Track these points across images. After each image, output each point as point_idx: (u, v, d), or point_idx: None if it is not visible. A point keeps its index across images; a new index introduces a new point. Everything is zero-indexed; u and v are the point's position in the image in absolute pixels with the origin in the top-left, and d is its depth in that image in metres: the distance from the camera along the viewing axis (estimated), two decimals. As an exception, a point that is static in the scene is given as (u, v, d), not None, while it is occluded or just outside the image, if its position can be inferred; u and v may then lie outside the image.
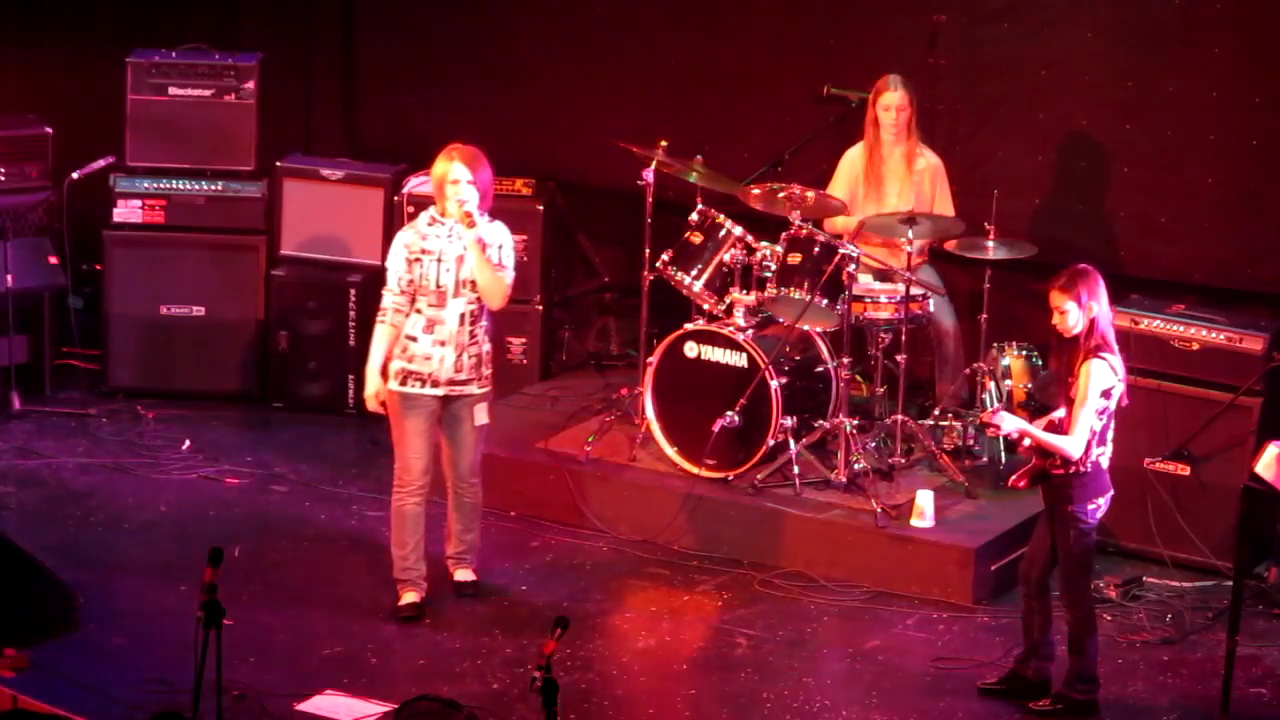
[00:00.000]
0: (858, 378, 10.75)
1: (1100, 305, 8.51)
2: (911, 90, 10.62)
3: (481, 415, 9.42)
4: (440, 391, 9.31)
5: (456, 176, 9.21)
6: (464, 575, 9.64)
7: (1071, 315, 8.50)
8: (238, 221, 11.98)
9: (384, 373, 9.33)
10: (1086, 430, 8.44)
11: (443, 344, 9.27)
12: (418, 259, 9.27)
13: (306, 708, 8.50)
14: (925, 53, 11.15)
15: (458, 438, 9.43)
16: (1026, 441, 8.58)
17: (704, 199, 10.68)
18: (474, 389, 9.36)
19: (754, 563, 10.07)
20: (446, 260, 9.25)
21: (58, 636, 8.97)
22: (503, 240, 9.32)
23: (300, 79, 12.80)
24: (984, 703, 8.84)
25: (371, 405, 9.43)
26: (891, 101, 10.59)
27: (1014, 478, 8.72)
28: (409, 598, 9.44)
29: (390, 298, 9.33)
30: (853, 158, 10.81)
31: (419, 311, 9.29)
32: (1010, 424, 8.54)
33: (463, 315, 9.27)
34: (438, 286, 9.25)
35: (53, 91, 12.73)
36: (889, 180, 10.71)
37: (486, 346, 9.38)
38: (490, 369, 9.43)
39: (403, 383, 9.30)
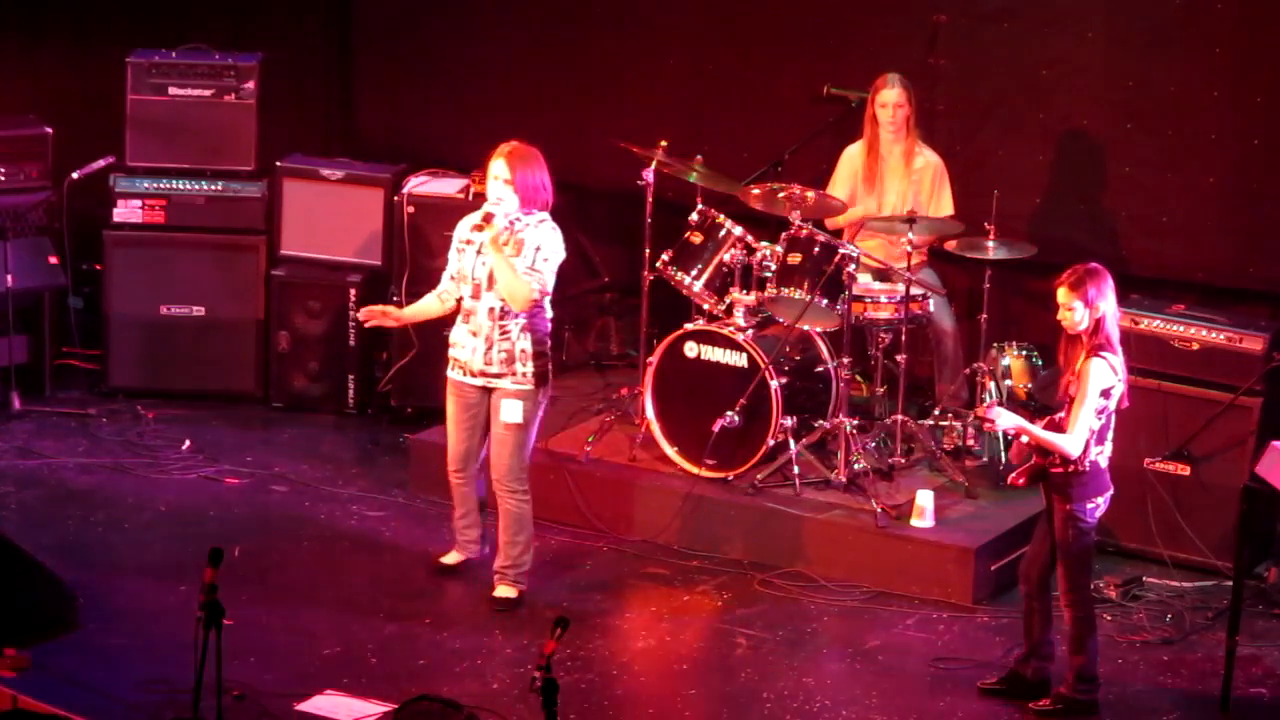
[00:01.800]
0: (858, 378, 10.75)
1: (1108, 305, 8.50)
2: (910, 89, 10.62)
3: (511, 412, 9.38)
4: (477, 382, 9.43)
5: (496, 173, 9.32)
6: (501, 590, 9.57)
7: (1077, 313, 8.49)
8: (238, 221, 11.98)
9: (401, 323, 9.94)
10: (1085, 429, 8.43)
11: (474, 335, 9.38)
12: (463, 249, 9.42)
13: (306, 708, 8.50)
14: (925, 53, 11.15)
15: (493, 434, 9.48)
16: (1024, 438, 8.58)
17: (704, 199, 10.68)
18: (506, 384, 9.37)
19: (754, 563, 10.07)
20: (485, 254, 9.31)
21: (58, 636, 8.97)
22: (542, 243, 9.29)
23: (300, 79, 12.79)
24: (984, 703, 8.84)
25: (362, 314, 9.80)
26: (889, 99, 10.60)
27: (1013, 476, 8.71)
28: (447, 557, 9.80)
29: (443, 281, 9.56)
30: (852, 154, 10.83)
31: (463, 300, 9.45)
32: (1006, 419, 8.54)
33: (492, 309, 9.32)
34: (473, 278, 9.36)
35: (53, 91, 12.72)
36: (888, 178, 10.71)
37: (524, 344, 9.34)
38: (531, 367, 9.36)
39: (450, 368, 9.51)
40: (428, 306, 9.64)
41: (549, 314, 9.45)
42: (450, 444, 9.64)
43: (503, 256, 9.21)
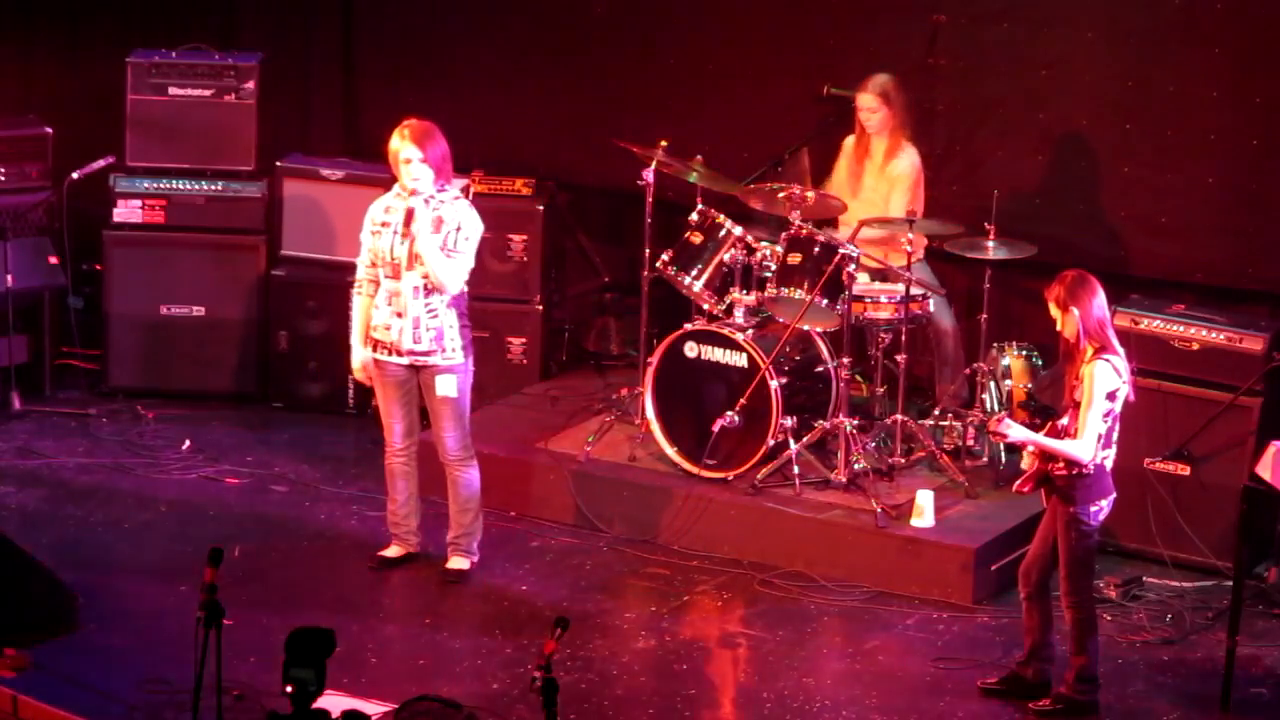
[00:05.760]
0: (858, 378, 10.75)
1: (1086, 308, 8.46)
2: (889, 93, 10.61)
3: (445, 387, 9.49)
4: (405, 360, 9.50)
5: (408, 156, 9.38)
6: (454, 563, 9.75)
7: (1060, 320, 8.52)
8: (238, 221, 11.98)
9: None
10: (1094, 433, 8.42)
11: (400, 315, 9.45)
12: (378, 231, 9.49)
13: (306, 708, 8.49)
14: (925, 53, 11.15)
15: (432, 411, 9.60)
16: (1031, 447, 8.57)
17: (704, 199, 10.69)
18: (437, 360, 9.46)
19: (754, 563, 10.07)
20: (414, 236, 9.37)
21: (58, 636, 8.98)
22: (462, 222, 9.38)
23: (300, 79, 12.79)
24: (984, 703, 8.84)
25: (359, 376, 9.74)
26: (861, 104, 10.69)
27: (1019, 483, 8.72)
28: (389, 551, 9.81)
29: (361, 269, 9.62)
30: (847, 146, 10.89)
31: (382, 282, 9.49)
32: (1017, 433, 8.51)
33: (416, 288, 9.40)
34: (393, 259, 9.43)
35: (53, 91, 12.72)
36: (866, 176, 10.76)
37: (450, 320, 9.43)
38: (460, 342, 9.48)
39: (374, 350, 9.57)
40: (363, 313, 9.62)
41: (465, 287, 9.53)
42: (387, 425, 9.69)
43: (434, 248, 9.31)
